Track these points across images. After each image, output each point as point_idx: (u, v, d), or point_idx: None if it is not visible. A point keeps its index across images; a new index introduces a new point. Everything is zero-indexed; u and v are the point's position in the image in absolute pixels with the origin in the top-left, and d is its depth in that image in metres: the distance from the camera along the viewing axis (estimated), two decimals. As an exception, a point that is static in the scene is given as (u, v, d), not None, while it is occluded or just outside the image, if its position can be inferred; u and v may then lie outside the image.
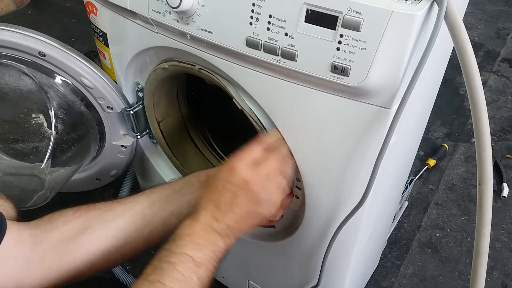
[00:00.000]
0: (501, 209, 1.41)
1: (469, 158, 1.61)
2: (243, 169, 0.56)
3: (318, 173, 0.63)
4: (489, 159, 0.52)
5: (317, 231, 0.70)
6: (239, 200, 0.55)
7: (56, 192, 0.85)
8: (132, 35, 0.69)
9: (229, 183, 0.56)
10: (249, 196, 0.56)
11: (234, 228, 0.56)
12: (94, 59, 0.76)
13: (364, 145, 0.55)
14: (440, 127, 1.76)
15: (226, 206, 0.56)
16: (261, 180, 0.56)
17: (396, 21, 0.44)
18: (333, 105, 0.53)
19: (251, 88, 0.60)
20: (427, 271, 1.24)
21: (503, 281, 1.21)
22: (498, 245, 1.30)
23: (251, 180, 0.55)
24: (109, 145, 0.85)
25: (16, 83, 0.76)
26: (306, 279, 0.82)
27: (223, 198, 0.56)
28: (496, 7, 2.58)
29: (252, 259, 0.92)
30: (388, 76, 0.47)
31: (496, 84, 1.99)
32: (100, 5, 0.71)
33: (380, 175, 0.57)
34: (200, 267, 0.53)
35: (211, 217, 0.56)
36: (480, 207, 0.54)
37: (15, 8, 2.47)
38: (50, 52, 0.72)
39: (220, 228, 0.55)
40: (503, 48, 2.22)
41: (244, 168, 0.56)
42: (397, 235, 1.34)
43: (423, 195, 1.48)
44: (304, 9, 0.48)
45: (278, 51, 0.51)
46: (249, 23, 0.52)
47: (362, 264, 0.94)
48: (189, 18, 0.57)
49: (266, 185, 0.57)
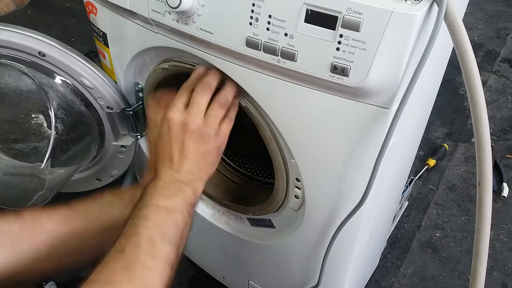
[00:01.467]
0: (501, 209, 1.41)
1: (469, 158, 1.61)
2: (176, 114, 0.58)
3: (318, 173, 0.63)
4: (488, 159, 0.52)
5: (317, 231, 0.71)
6: (186, 144, 0.57)
7: (56, 192, 0.85)
8: (132, 35, 0.69)
9: (170, 133, 0.58)
10: (193, 137, 0.57)
11: (195, 171, 0.58)
12: (94, 59, 0.76)
13: (364, 145, 0.55)
14: (440, 127, 1.76)
15: (179, 155, 0.57)
16: (196, 117, 0.57)
17: (396, 21, 0.44)
18: (333, 105, 0.53)
19: (251, 88, 0.60)
20: (427, 271, 1.24)
21: (503, 281, 1.21)
22: (498, 245, 1.30)
23: (187, 121, 0.57)
24: (109, 145, 0.85)
25: (16, 83, 0.76)
26: (306, 279, 0.82)
27: (173, 149, 0.58)
28: (496, 7, 2.59)
29: (252, 259, 0.92)
30: (388, 76, 0.47)
31: (496, 84, 1.99)
32: (100, 5, 0.72)
33: (380, 175, 0.57)
34: (173, 213, 0.54)
35: (169, 170, 0.57)
36: (480, 207, 0.54)
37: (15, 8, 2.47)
38: (50, 52, 0.72)
39: (182, 176, 0.57)
40: (503, 48, 2.22)
41: (176, 113, 0.58)
42: (397, 235, 1.34)
43: (423, 195, 1.48)
44: (304, 9, 0.48)
45: (278, 51, 0.51)
46: (249, 23, 0.52)
47: (362, 264, 0.94)
48: (189, 18, 0.57)
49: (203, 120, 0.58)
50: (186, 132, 0.57)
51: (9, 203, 0.85)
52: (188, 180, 0.58)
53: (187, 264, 1.24)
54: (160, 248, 0.51)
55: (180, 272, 1.24)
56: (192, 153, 0.58)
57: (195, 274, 1.23)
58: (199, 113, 0.58)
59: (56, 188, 0.85)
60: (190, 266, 1.24)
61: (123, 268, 0.48)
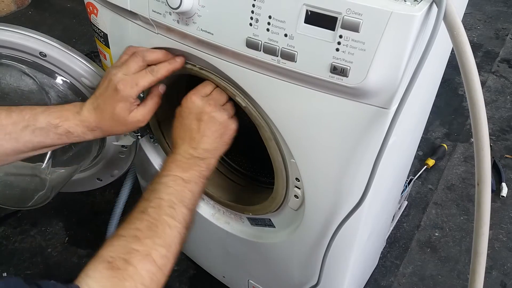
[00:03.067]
0: (500, 208, 1.41)
1: (468, 158, 1.61)
2: (199, 99, 0.65)
3: (317, 173, 0.63)
4: (487, 159, 0.52)
5: (317, 230, 0.71)
6: (204, 124, 0.65)
7: (57, 192, 0.86)
8: (133, 35, 0.69)
9: (191, 114, 0.65)
10: (212, 120, 0.65)
11: (211, 149, 0.66)
12: (95, 59, 0.76)
13: (363, 145, 0.56)
14: (439, 127, 1.76)
15: (198, 134, 0.65)
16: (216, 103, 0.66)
17: (395, 22, 0.44)
18: (333, 105, 0.54)
19: (251, 88, 0.60)
20: (426, 270, 1.25)
21: (502, 280, 1.21)
22: (497, 244, 1.31)
23: (208, 104, 0.65)
24: (109, 145, 0.86)
25: (17, 83, 0.76)
26: (305, 279, 0.83)
27: (193, 128, 0.65)
28: (495, 8, 2.59)
29: (252, 259, 0.92)
30: (387, 77, 0.48)
31: (495, 85, 1.99)
32: (100, 6, 0.72)
33: (379, 175, 0.57)
34: (189, 183, 0.62)
35: (188, 147, 0.65)
36: (479, 207, 0.54)
37: (16, 8, 2.47)
38: (51, 53, 0.72)
39: (198, 153, 0.65)
40: (502, 48, 2.23)
41: (199, 97, 0.65)
42: (396, 235, 1.34)
43: (422, 195, 1.48)
44: (304, 10, 0.48)
45: (278, 51, 0.52)
46: (249, 24, 0.52)
47: (362, 263, 0.95)
48: (189, 19, 0.57)
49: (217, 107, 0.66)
50: (206, 114, 0.64)
51: (10, 203, 0.86)
52: (204, 156, 0.65)
53: (187, 264, 1.24)
54: (178, 211, 0.59)
55: (180, 272, 1.24)
56: (211, 132, 0.65)
57: (196, 273, 1.23)
58: (218, 102, 0.66)
59: (57, 188, 0.85)
60: (190, 266, 1.24)
61: (147, 226, 0.55)
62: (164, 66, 0.65)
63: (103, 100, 0.64)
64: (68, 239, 1.34)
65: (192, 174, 0.63)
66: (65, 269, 1.26)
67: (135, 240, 0.53)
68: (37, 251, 1.31)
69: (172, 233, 0.57)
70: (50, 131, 0.64)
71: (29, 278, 0.66)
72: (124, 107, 0.64)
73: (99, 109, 0.64)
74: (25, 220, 1.39)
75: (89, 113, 0.65)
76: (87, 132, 0.66)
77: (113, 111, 0.64)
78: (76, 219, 1.40)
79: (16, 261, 1.28)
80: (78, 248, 1.31)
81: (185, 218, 0.59)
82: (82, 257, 1.29)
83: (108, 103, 0.64)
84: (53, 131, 0.64)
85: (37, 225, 1.38)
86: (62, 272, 1.25)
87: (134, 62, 0.64)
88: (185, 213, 0.59)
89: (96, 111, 0.65)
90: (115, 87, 0.63)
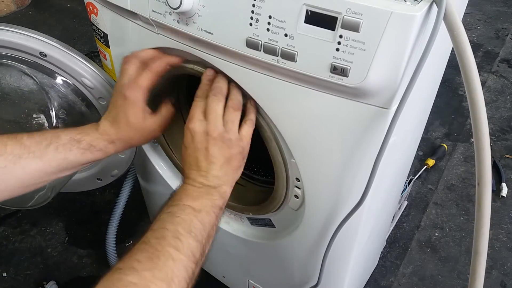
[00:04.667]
0: (500, 209, 1.41)
1: (468, 158, 1.61)
2: (197, 125, 0.60)
3: (317, 173, 0.63)
4: (488, 159, 0.52)
5: (317, 230, 0.71)
6: (211, 151, 0.60)
7: (57, 192, 0.86)
8: (133, 35, 0.69)
9: (194, 143, 0.61)
10: (217, 144, 0.60)
11: (222, 176, 0.61)
12: (95, 59, 0.77)
13: (363, 145, 0.56)
14: (439, 127, 1.76)
15: (205, 162, 0.60)
16: (216, 124, 0.60)
17: (395, 22, 0.44)
18: (333, 105, 0.54)
19: (251, 88, 0.60)
20: (426, 270, 1.25)
21: (502, 280, 1.21)
22: (497, 244, 1.31)
23: (209, 129, 0.60)
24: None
25: (17, 83, 0.76)
26: (305, 279, 0.83)
27: (199, 157, 0.60)
28: (495, 8, 2.59)
29: (252, 259, 0.92)
30: (388, 77, 0.48)
31: (495, 85, 1.99)
32: (101, 5, 0.72)
33: (379, 175, 0.57)
34: (200, 213, 0.56)
35: (197, 176, 0.60)
36: (479, 207, 0.54)
37: (16, 8, 2.47)
38: (51, 53, 0.72)
39: (209, 181, 0.60)
40: (502, 48, 2.23)
41: (196, 123, 0.60)
42: (396, 235, 1.34)
43: (422, 195, 1.48)
44: (304, 10, 0.48)
45: (278, 51, 0.52)
46: (249, 24, 0.52)
47: (362, 263, 0.95)
48: (189, 19, 0.57)
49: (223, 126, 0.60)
50: (209, 140, 0.60)
51: (10, 203, 0.86)
52: (215, 184, 0.60)
53: (187, 264, 1.24)
54: (185, 242, 0.52)
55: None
56: (217, 159, 0.60)
57: (195, 273, 1.23)
58: (218, 120, 0.60)
59: (57, 188, 0.85)
60: (190, 266, 1.24)
61: (147, 258, 0.50)
62: (158, 59, 0.65)
63: (116, 112, 0.65)
64: (68, 239, 1.34)
65: (203, 203, 0.58)
66: (65, 269, 1.26)
67: (132, 272, 0.48)
68: (37, 251, 1.31)
69: (176, 267, 0.50)
70: (73, 145, 0.63)
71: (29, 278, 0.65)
72: (137, 114, 0.64)
73: (115, 121, 0.65)
74: (25, 220, 1.39)
75: (107, 127, 0.65)
76: (108, 146, 0.66)
77: (127, 120, 0.64)
78: (76, 219, 1.41)
79: (16, 261, 1.28)
80: (78, 248, 1.31)
81: (193, 251, 0.53)
82: (82, 257, 1.29)
83: (122, 112, 0.64)
84: (76, 145, 0.63)
85: (37, 225, 1.38)
86: (62, 272, 1.25)
87: (131, 65, 0.65)
88: (193, 245, 0.53)
89: (112, 124, 0.65)
90: (123, 95, 0.63)
